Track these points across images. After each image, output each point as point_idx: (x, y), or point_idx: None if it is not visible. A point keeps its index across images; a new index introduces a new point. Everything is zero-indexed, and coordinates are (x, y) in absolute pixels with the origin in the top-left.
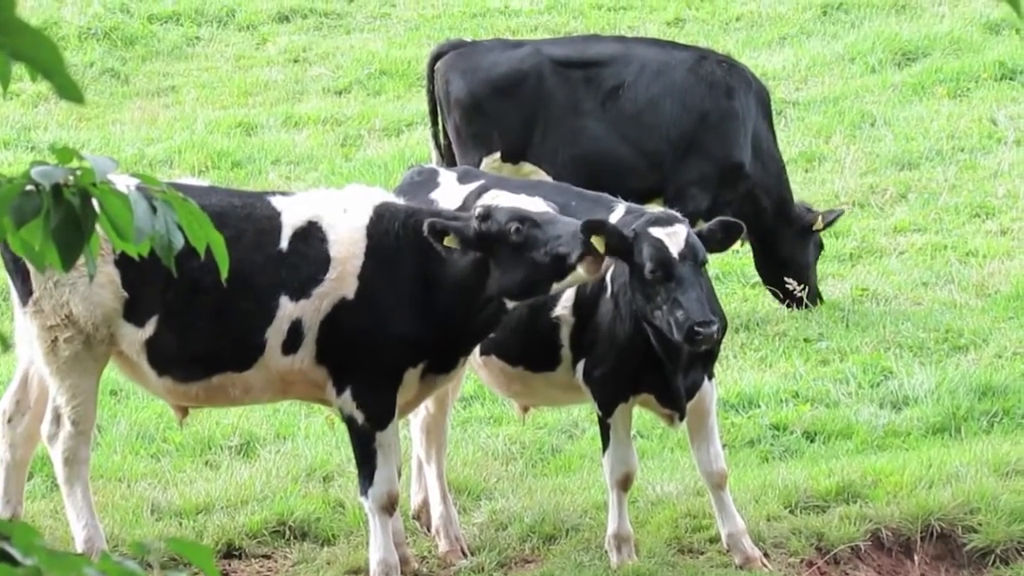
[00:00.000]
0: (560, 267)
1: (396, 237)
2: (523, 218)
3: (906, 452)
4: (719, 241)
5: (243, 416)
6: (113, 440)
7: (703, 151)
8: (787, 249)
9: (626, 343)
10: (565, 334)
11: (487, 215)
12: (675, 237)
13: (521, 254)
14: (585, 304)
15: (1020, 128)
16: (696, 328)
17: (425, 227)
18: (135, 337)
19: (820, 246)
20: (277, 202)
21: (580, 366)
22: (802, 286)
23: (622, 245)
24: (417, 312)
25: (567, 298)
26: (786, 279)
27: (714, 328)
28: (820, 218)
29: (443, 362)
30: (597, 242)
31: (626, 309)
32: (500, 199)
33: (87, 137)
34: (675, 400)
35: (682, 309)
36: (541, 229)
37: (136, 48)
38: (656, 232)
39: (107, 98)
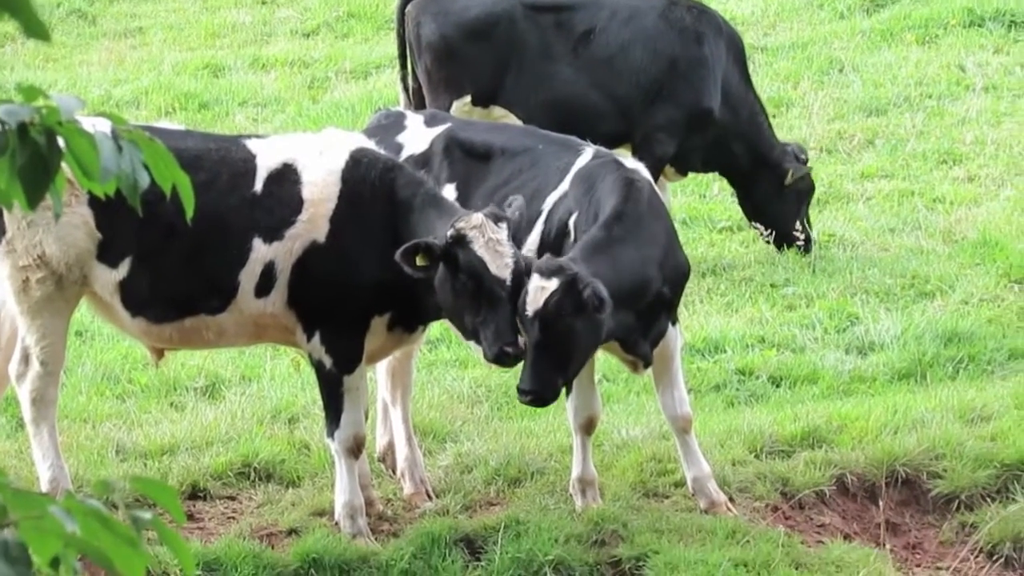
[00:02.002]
0: (476, 342)
1: (372, 185)
2: (478, 278)
3: (872, 398)
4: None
5: (209, 358)
6: (78, 381)
7: (672, 97)
8: (766, 193)
9: None
10: None
11: (460, 241)
12: (539, 293)
13: (457, 298)
14: (549, 248)
15: (988, 75)
16: (518, 388)
17: (398, 254)
18: (108, 278)
19: (811, 189)
20: (253, 145)
21: None
22: (769, 231)
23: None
24: (385, 260)
25: (532, 242)
26: (754, 223)
27: (526, 398)
28: (790, 173)
29: (408, 317)
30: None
31: None
32: (482, 237)
33: (54, 78)
34: (639, 347)
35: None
36: (484, 301)
37: None
38: (530, 282)
39: (74, 39)
